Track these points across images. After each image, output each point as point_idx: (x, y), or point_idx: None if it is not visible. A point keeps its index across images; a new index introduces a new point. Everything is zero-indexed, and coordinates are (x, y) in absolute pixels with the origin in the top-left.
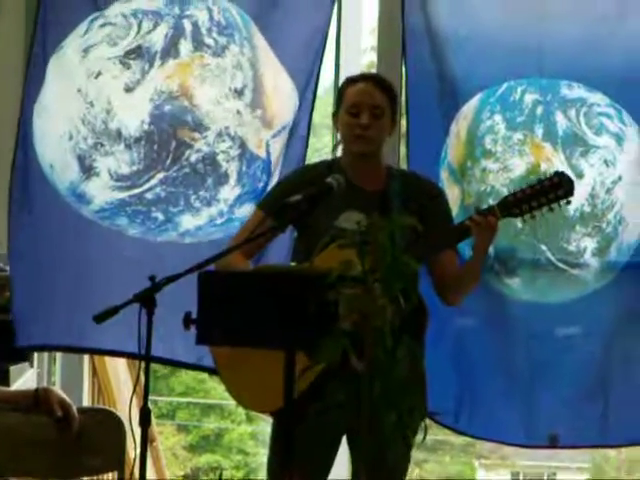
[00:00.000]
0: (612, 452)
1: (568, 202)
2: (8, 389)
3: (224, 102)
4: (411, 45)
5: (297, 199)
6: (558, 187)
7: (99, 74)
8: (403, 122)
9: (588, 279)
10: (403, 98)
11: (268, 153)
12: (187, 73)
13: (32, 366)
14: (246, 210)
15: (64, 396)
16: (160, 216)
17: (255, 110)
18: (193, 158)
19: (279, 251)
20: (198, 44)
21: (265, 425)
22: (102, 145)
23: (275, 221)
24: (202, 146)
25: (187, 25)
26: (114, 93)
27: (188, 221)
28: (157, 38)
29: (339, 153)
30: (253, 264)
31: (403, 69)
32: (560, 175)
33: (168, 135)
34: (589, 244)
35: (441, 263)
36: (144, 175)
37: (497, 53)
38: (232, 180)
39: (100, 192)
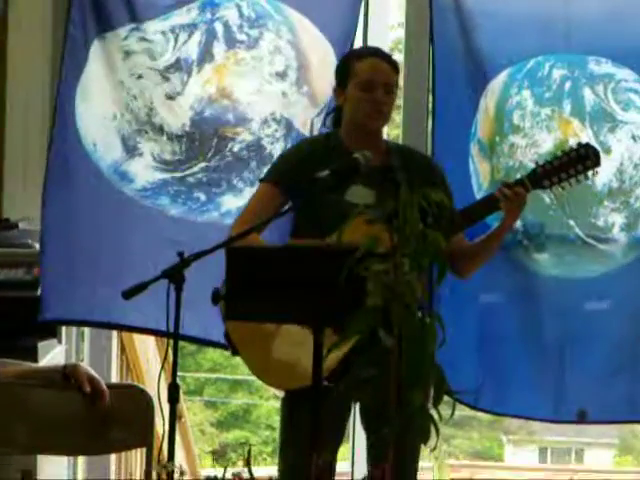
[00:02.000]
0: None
1: (595, 173)
2: (37, 365)
3: (266, 88)
4: (438, 21)
5: (326, 174)
6: (585, 158)
7: (140, 76)
8: (430, 97)
9: (616, 254)
10: (430, 74)
11: (312, 132)
12: (223, 74)
13: (60, 342)
14: None
15: (93, 372)
16: (202, 196)
17: (302, 87)
18: (236, 148)
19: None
20: (231, 42)
21: None
22: (146, 132)
23: (285, 195)
24: (246, 136)
25: (219, 27)
26: (155, 96)
27: (230, 201)
28: (192, 47)
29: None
30: None
31: (430, 45)
32: (586, 147)
33: (209, 134)
34: (617, 219)
35: (453, 239)
36: (186, 163)
37: (524, 29)
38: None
39: (143, 172)
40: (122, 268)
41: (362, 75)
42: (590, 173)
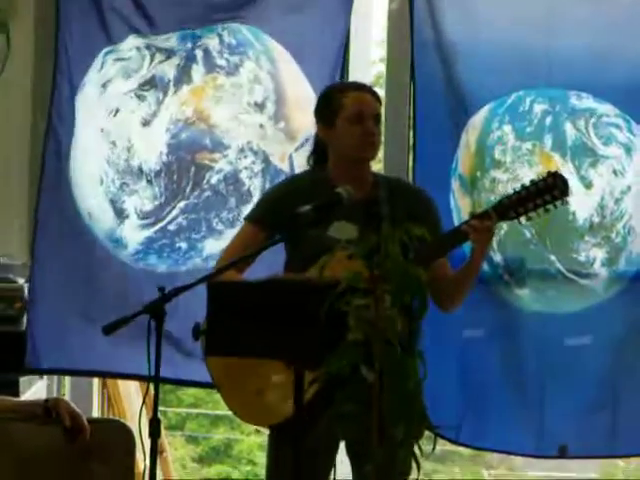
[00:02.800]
0: (621, 462)
1: (564, 202)
2: (18, 399)
3: (244, 117)
4: (420, 56)
5: (307, 210)
6: (553, 188)
7: (117, 111)
8: (410, 133)
9: (597, 289)
10: (411, 109)
11: (292, 166)
12: (201, 97)
13: (42, 377)
14: None
15: (74, 407)
16: (183, 245)
17: (278, 122)
18: (214, 179)
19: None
20: (210, 67)
21: None
22: (127, 185)
23: (267, 234)
24: (224, 165)
25: (199, 53)
26: (133, 129)
27: (211, 245)
28: (169, 67)
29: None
30: None
31: (411, 81)
32: (554, 175)
33: (187, 162)
34: (598, 254)
35: (435, 270)
36: (166, 207)
37: (506, 64)
38: (255, 197)
39: (131, 234)
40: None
41: (350, 108)
42: (559, 203)
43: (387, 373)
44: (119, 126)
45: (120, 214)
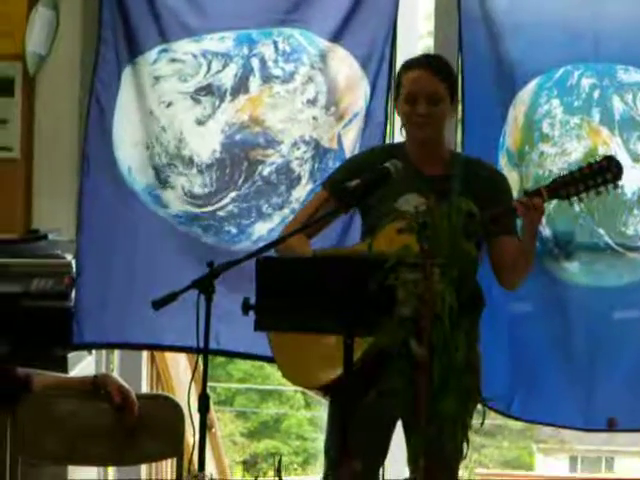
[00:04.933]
0: None
1: (615, 186)
2: (67, 376)
3: (298, 116)
4: (467, 30)
5: (355, 184)
6: (606, 171)
7: (170, 104)
8: (459, 108)
9: None
10: (460, 84)
11: (340, 143)
12: (257, 105)
13: (90, 353)
14: None
15: (123, 382)
16: (233, 229)
17: (330, 109)
18: (266, 171)
19: (330, 232)
20: (267, 77)
21: (323, 410)
22: (175, 166)
23: (337, 202)
24: (276, 159)
25: (255, 63)
26: (185, 124)
27: (260, 228)
28: (227, 78)
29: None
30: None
31: (459, 55)
32: (609, 159)
33: (240, 158)
34: None
35: (497, 247)
36: (216, 195)
37: (553, 38)
38: (304, 180)
39: (175, 201)
40: (156, 291)
41: (405, 88)
42: (610, 186)
43: (436, 348)
44: (171, 117)
45: (163, 182)
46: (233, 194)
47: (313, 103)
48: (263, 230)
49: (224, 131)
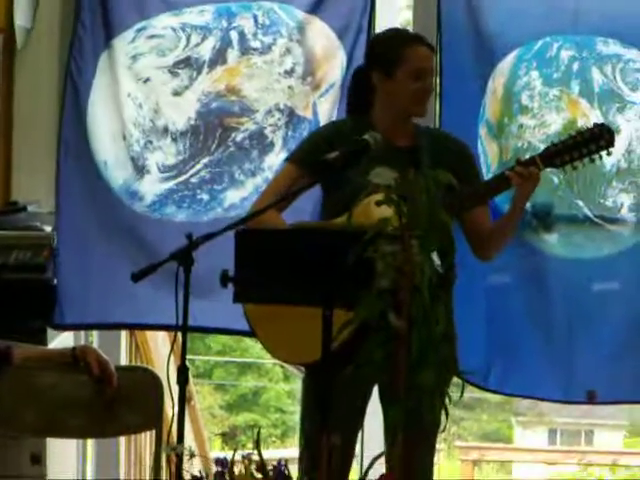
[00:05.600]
0: None
1: (609, 153)
2: (45, 348)
3: (275, 85)
4: (446, 3)
5: (335, 156)
6: (599, 138)
7: (148, 79)
8: (437, 80)
9: (625, 234)
10: (438, 56)
11: (315, 113)
12: (234, 75)
13: None
14: None
15: (102, 354)
16: (205, 197)
17: (306, 79)
18: (239, 137)
19: (305, 205)
20: (245, 49)
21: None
22: (151, 142)
23: (310, 176)
24: (250, 125)
25: (234, 35)
26: (162, 96)
27: (232, 195)
28: (205, 50)
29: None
30: None
31: (438, 27)
32: (600, 126)
33: (214, 125)
34: (626, 200)
35: (474, 218)
36: (189, 162)
37: (532, 10)
38: (277, 147)
39: (150, 187)
40: (133, 268)
41: (414, 63)
42: (604, 153)
43: (415, 320)
44: (148, 92)
45: (140, 170)
46: (206, 160)
47: (290, 74)
48: (235, 198)
49: (200, 100)
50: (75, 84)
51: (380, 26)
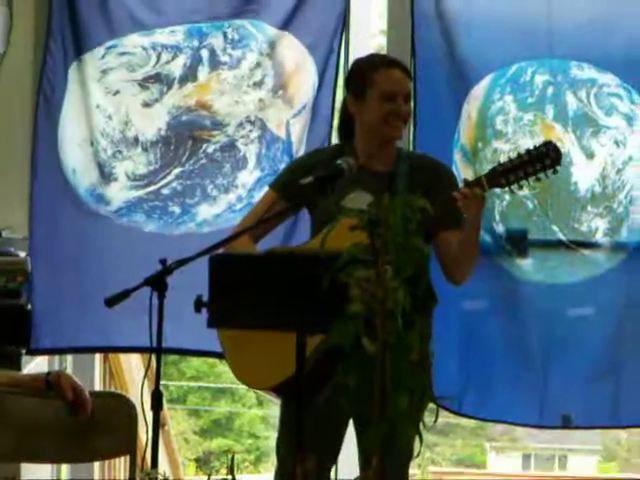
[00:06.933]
0: (623, 434)
1: (555, 172)
2: (19, 373)
3: (244, 98)
4: (420, 28)
5: (308, 181)
6: (545, 157)
7: (117, 92)
8: (412, 104)
9: (600, 259)
10: (413, 82)
11: (288, 134)
12: (205, 92)
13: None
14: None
15: (76, 380)
16: (177, 209)
17: (277, 92)
18: (211, 149)
19: (277, 232)
20: (215, 65)
21: (276, 409)
22: (120, 152)
23: (287, 203)
24: (222, 138)
25: (204, 53)
26: (132, 107)
27: (205, 210)
28: (176, 67)
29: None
30: (277, 242)
31: (412, 53)
32: (547, 145)
33: (184, 137)
34: (600, 224)
35: (440, 242)
36: (160, 172)
37: (507, 34)
38: (251, 164)
39: (118, 194)
40: (105, 290)
41: (383, 86)
42: (550, 172)
43: (389, 345)
44: (117, 104)
45: (107, 176)
46: (177, 170)
47: (259, 85)
48: (208, 214)
49: (170, 112)
50: (47, 99)
51: (354, 51)
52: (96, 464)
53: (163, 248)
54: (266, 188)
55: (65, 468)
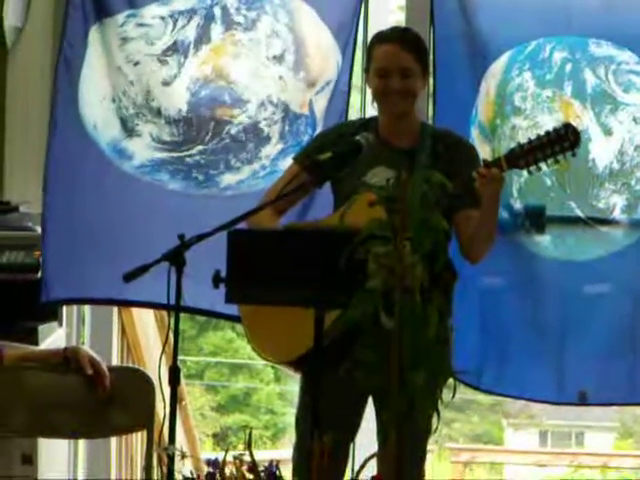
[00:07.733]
0: None
1: (573, 154)
2: (37, 348)
3: (263, 71)
4: (439, 4)
5: (325, 156)
6: (564, 139)
7: (137, 63)
8: (430, 81)
9: (617, 236)
10: (431, 57)
11: (312, 110)
12: (220, 54)
13: (61, 325)
14: (289, 162)
15: (94, 354)
16: (200, 176)
17: (298, 73)
18: (234, 130)
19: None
20: (228, 24)
21: (293, 384)
22: (144, 115)
23: (309, 176)
24: (243, 119)
25: (217, 11)
26: (153, 82)
27: (228, 178)
28: (190, 30)
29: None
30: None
31: (431, 28)
32: (566, 127)
33: (206, 118)
34: (618, 201)
35: (458, 220)
36: (184, 145)
37: (525, 11)
38: (274, 140)
39: (141, 150)
40: (124, 245)
41: (377, 62)
42: (569, 154)
43: (406, 321)
44: (139, 74)
45: (130, 131)
46: (200, 147)
47: (279, 61)
48: (232, 180)
49: (189, 89)
50: (67, 60)
51: (373, 28)
52: (113, 439)
53: (185, 207)
54: (290, 160)
55: (82, 443)
